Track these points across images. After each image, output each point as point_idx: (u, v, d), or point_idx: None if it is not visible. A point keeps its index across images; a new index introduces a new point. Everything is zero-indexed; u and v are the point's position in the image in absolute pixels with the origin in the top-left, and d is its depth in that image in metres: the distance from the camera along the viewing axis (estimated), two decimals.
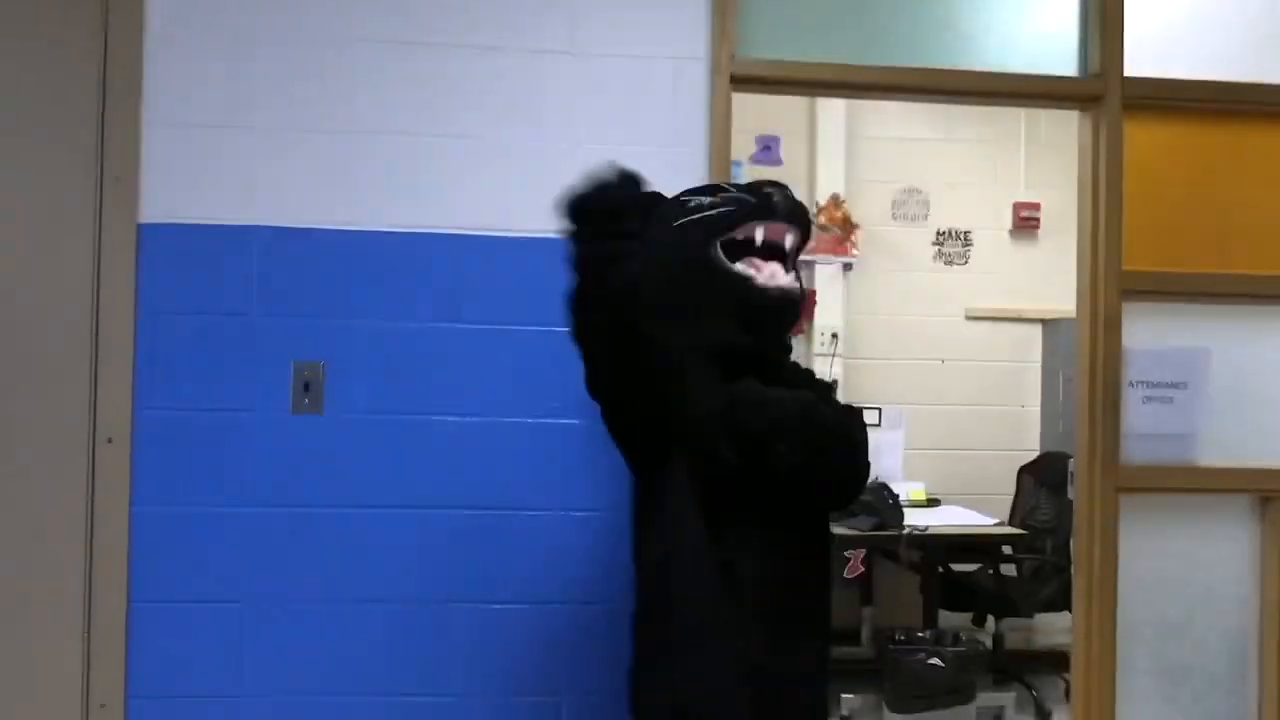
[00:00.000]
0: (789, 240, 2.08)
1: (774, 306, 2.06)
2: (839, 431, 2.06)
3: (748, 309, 2.03)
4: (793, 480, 1.97)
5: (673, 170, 2.54)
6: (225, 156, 2.50)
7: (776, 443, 1.94)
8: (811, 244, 5.23)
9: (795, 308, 2.11)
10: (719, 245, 2.02)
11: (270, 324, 2.49)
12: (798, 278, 2.10)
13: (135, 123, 2.48)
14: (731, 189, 2.12)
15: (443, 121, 2.55)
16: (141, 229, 2.48)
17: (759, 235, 2.04)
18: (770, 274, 2.03)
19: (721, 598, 1.93)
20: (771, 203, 2.06)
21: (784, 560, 2.00)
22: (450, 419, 2.53)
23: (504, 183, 2.55)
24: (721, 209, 2.05)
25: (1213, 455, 2.78)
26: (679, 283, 2.03)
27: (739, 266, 2.02)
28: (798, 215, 2.10)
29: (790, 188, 2.12)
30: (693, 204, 2.07)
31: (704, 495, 1.94)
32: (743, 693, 1.93)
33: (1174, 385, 2.76)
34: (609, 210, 2.05)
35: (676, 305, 2.02)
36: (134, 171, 2.48)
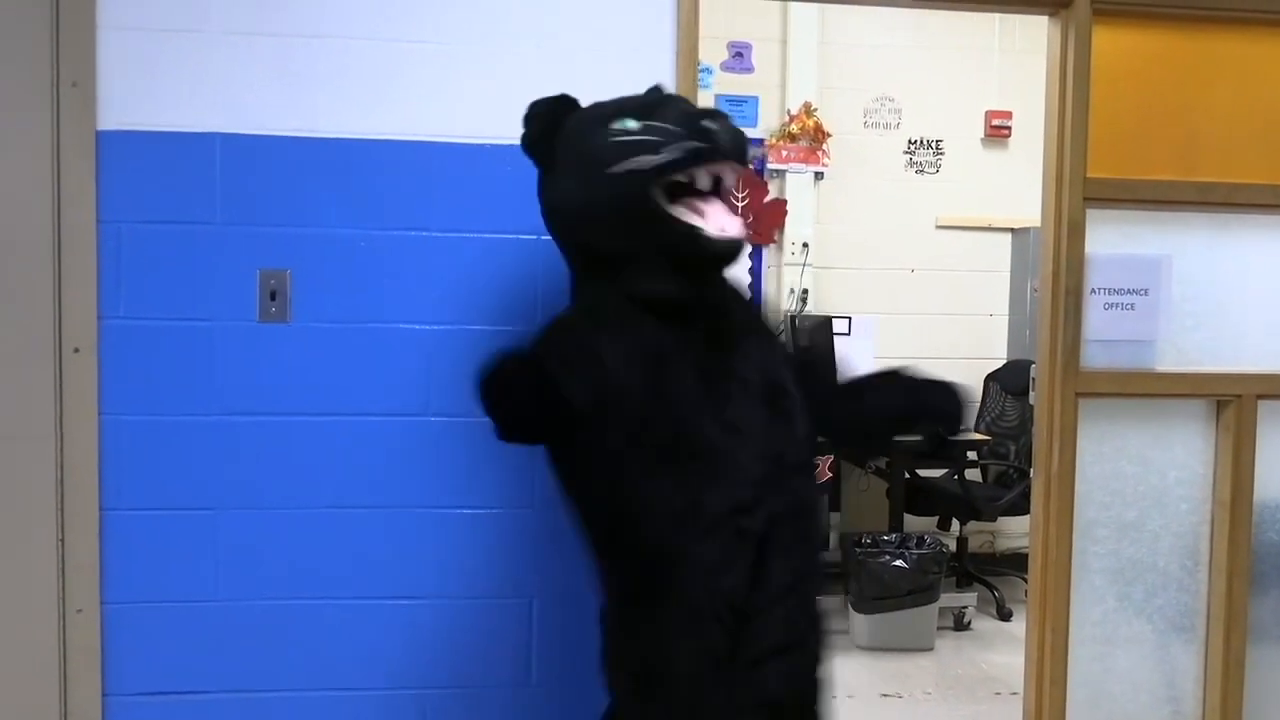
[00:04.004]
0: (730, 178, 1.95)
1: (723, 256, 1.95)
2: None
3: (697, 262, 1.93)
4: None
5: (638, 76, 2.52)
6: (183, 62, 2.45)
7: None
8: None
9: (739, 253, 1.97)
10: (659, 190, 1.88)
11: (234, 232, 2.47)
12: (736, 209, 2.02)
13: (90, 26, 2.42)
14: (665, 108, 1.93)
15: (401, 26, 2.49)
16: (100, 135, 2.43)
17: (701, 179, 1.90)
18: (719, 225, 1.90)
19: None
20: (718, 142, 1.89)
21: None
22: (418, 327, 2.53)
23: (463, 89, 2.51)
24: (662, 156, 1.86)
25: (1171, 361, 2.83)
26: (615, 233, 1.93)
27: (683, 214, 1.89)
28: (740, 149, 1.94)
29: (728, 116, 1.95)
30: (618, 135, 1.90)
31: None
32: None
33: (1135, 292, 2.79)
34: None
35: (610, 256, 1.94)
36: (90, 77, 2.43)
